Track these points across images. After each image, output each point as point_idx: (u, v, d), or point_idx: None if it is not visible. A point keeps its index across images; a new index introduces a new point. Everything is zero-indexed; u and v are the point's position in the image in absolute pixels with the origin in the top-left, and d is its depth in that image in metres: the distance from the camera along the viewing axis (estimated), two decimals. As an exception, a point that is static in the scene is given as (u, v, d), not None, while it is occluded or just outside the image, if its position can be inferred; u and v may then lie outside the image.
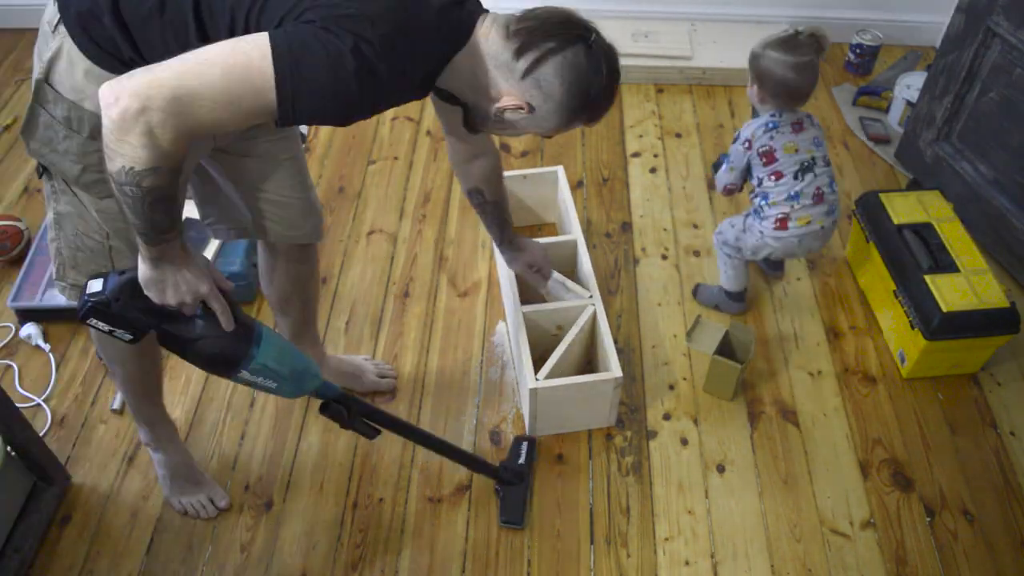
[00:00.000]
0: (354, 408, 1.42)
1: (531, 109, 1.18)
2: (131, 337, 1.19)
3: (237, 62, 1.02)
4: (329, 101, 1.06)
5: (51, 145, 1.22)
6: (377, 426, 1.47)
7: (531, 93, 1.17)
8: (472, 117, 1.27)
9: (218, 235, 1.60)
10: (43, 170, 1.29)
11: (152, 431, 1.71)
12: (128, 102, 0.98)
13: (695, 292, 2.13)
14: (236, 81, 1.02)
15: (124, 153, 1.01)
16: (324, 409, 1.41)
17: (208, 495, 1.72)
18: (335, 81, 1.04)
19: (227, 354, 1.22)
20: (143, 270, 1.15)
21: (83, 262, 1.34)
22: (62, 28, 1.14)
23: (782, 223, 1.85)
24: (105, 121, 1.00)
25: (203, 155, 1.40)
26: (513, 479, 1.72)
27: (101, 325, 1.17)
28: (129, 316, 1.17)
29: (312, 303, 1.80)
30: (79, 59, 1.15)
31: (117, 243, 1.32)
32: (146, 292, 1.16)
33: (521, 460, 1.76)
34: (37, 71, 1.19)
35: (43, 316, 2.06)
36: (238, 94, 1.02)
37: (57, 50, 1.15)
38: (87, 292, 1.16)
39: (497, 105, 1.19)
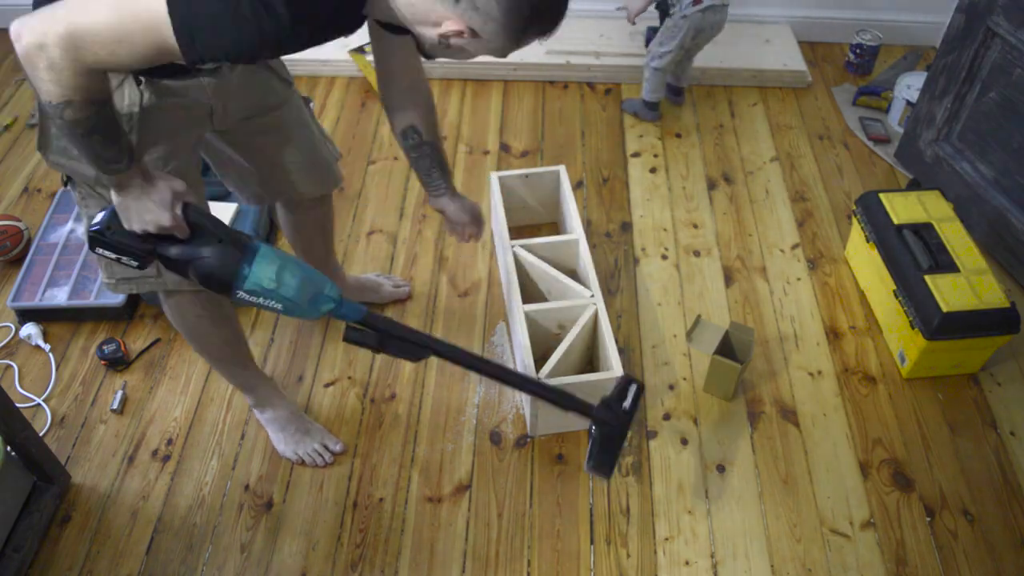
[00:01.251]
0: (382, 328, 1.32)
1: (473, 33, 1.11)
2: (137, 264, 1.25)
3: None
4: (230, 37, 1.03)
5: (67, 153, 1.27)
6: (416, 346, 1.35)
7: (469, 16, 1.09)
8: (421, 45, 1.21)
9: (238, 200, 1.72)
10: (67, 179, 1.33)
11: (254, 393, 1.79)
12: (28, 38, 1.01)
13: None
14: (126, 18, 1.01)
15: (39, 88, 1.05)
16: (347, 336, 1.32)
17: (321, 442, 1.80)
18: (234, 17, 1.01)
19: (219, 274, 1.23)
20: (112, 196, 1.20)
21: None
22: None
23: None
24: (19, 55, 1.03)
25: (205, 137, 1.45)
26: (609, 419, 1.50)
27: (108, 253, 1.24)
28: (126, 243, 1.22)
29: (332, 236, 1.93)
30: None
31: None
32: (120, 219, 1.21)
33: (626, 404, 1.52)
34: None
35: (43, 316, 2.06)
36: (129, 31, 1.01)
37: None
38: (92, 223, 1.22)
39: (439, 31, 1.12)
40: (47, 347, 2.01)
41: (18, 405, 1.63)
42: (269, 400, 1.80)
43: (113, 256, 1.24)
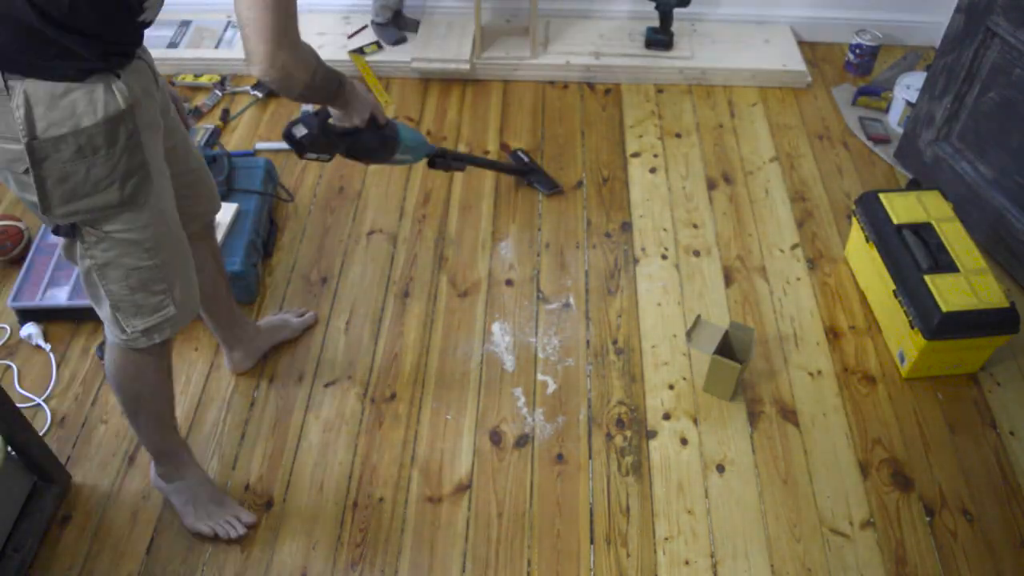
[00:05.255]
0: (448, 154, 2.09)
1: None
2: (328, 157, 1.65)
3: None
4: None
5: (77, 194, 1.19)
6: (460, 163, 2.16)
7: None
8: None
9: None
10: (69, 231, 1.25)
11: (173, 460, 1.65)
12: (267, 64, 1.22)
13: None
14: None
15: (296, 85, 1.30)
16: (431, 164, 2.07)
17: (233, 513, 1.69)
18: None
19: (389, 142, 1.74)
20: (339, 114, 1.57)
21: (143, 300, 1.34)
22: (13, 81, 1.10)
23: None
24: (274, 83, 1.27)
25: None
26: (532, 168, 2.43)
27: (312, 155, 1.63)
28: (330, 141, 1.62)
29: (229, 285, 1.82)
30: (51, 89, 1.12)
31: (162, 255, 1.32)
32: (348, 120, 1.58)
33: (526, 160, 2.46)
34: (18, 139, 1.13)
35: (43, 316, 2.06)
36: None
37: (25, 103, 1.11)
38: (298, 135, 1.58)
39: None
40: (47, 347, 2.01)
41: (18, 405, 1.63)
42: (187, 468, 1.67)
43: (314, 156, 1.63)
